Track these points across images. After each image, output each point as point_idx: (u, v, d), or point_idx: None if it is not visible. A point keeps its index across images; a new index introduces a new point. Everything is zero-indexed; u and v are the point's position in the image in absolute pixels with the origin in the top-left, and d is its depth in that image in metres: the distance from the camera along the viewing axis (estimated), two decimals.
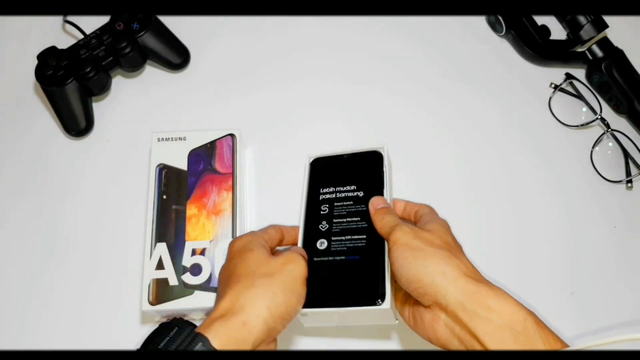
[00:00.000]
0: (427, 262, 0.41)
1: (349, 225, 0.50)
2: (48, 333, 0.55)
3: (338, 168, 0.54)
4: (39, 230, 0.60)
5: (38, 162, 0.63)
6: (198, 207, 0.54)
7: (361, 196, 0.51)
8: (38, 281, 0.57)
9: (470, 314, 0.39)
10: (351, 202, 0.51)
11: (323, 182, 0.54)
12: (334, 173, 0.54)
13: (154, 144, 0.56)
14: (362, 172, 0.53)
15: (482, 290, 0.39)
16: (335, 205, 0.52)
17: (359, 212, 0.50)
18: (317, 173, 0.55)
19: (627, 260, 0.60)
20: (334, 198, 0.52)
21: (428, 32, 0.70)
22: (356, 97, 0.66)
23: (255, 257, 0.44)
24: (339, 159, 0.55)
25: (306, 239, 0.50)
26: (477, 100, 0.66)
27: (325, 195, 0.53)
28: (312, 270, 0.46)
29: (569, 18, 0.67)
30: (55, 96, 0.62)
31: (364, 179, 0.53)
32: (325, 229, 0.50)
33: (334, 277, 0.47)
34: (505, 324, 0.38)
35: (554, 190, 0.63)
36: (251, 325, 0.39)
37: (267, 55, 0.69)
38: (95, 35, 0.64)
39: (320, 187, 0.53)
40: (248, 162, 0.62)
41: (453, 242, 0.45)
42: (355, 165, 0.54)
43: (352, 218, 0.50)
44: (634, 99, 0.64)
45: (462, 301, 0.39)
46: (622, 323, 0.57)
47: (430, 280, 0.41)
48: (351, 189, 0.52)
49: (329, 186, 0.53)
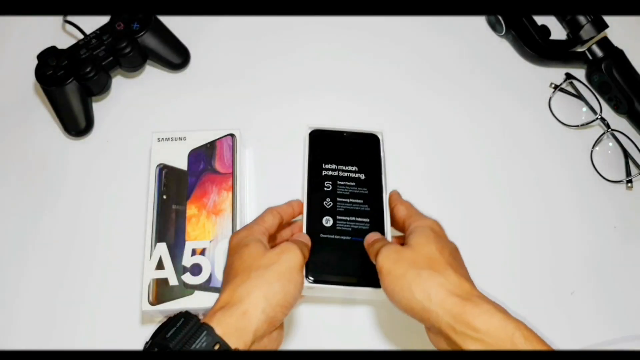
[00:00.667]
0: (412, 289, 0.42)
1: (353, 206, 0.52)
2: (48, 333, 0.56)
3: (339, 145, 0.56)
4: (39, 230, 0.60)
5: (38, 162, 0.63)
6: (198, 207, 0.54)
7: (362, 179, 0.54)
8: (38, 281, 0.58)
9: (461, 336, 0.39)
10: (353, 183, 0.54)
11: (325, 157, 0.55)
12: (335, 150, 0.56)
13: (154, 144, 0.57)
14: (362, 153, 0.56)
15: (467, 310, 0.40)
16: (338, 183, 0.54)
17: (361, 194, 0.53)
18: (318, 146, 0.56)
19: (627, 261, 0.60)
20: (336, 176, 0.54)
21: (428, 32, 0.71)
22: (357, 96, 0.67)
23: (251, 252, 0.45)
24: (339, 136, 0.57)
25: (311, 213, 0.51)
26: (477, 100, 0.67)
27: (327, 171, 0.54)
28: (319, 246, 0.49)
29: (569, 18, 0.68)
30: (55, 96, 0.63)
31: (364, 161, 0.55)
32: (329, 207, 0.52)
33: (340, 256, 0.50)
34: (495, 342, 0.38)
35: (554, 190, 0.63)
36: (250, 314, 0.41)
37: (267, 55, 0.69)
38: (95, 35, 0.64)
39: (322, 162, 0.55)
40: (248, 162, 0.63)
41: (438, 251, 0.44)
42: (356, 145, 0.56)
43: (355, 199, 0.53)
44: (634, 99, 0.64)
45: (451, 324, 0.40)
46: (622, 323, 0.57)
47: (420, 307, 0.41)
48: (353, 169, 0.54)
49: (331, 162, 0.55)
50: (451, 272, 0.43)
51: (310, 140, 0.56)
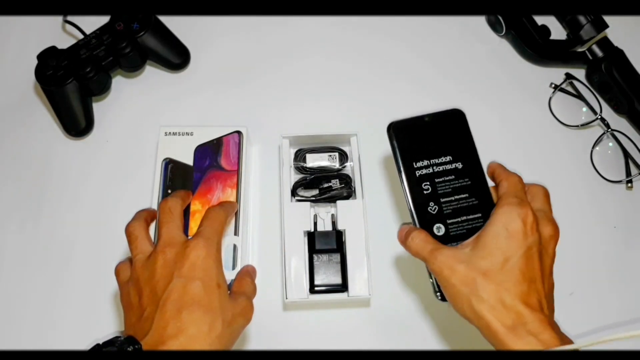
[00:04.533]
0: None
1: (460, 204, 0.47)
2: (49, 329, 0.57)
3: (423, 134, 0.50)
4: (39, 230, 0.61)
5: (38, 162, 0.65)
6: (202, 203, 0.55)
7: (460, 168, 0.48)
8: (38, 280, 0.59)
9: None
10: (452, 176, 0.48)
11: (414, 154, 0.49)
12: (422, 141, 0.50)
13: (160, 138, 0.58)
14: (451, 137, 0.50)
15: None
16: (436, 182, 0.48)
17: (464, 187, 0.48)
18: (403, 142, 0.50)
19: (627, 261, 0.61)
20: (432, 173, 0.48)
21: (428, 32, 0.72)
22: (358, 95, 0.68)
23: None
24: (420, 122, 0.51)
25: (423, 225, 0.47)
26: (477, 100, 0.68)
27: (421, 170, 0.48)
28: None
29: (569, 18, 0.69)
30: (55, 96, 0.64)
31: (455, 146, 0.49)
32: (435, 212, 0.47)
33: None
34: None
35: (553, 190, 0.62)
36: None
37: (268, 55, 0.70)
38: (95, 35, 0.65)
39: (413, 161, 0.49)
40: (254, 160, 0.64)
41: (515, 251, 0.41)
42: (441, 130, 0.50)
43: (459, 195, 0.48)
44: (634, 99, 0.65)
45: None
46: (622, 323, 0.58)
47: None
48: (447, 160, 0.49)
49: (422, 159, 0.49)
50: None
51: (395, 137, 0.50)
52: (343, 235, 0.57)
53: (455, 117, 0.51)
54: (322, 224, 0.59)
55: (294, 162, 0.60)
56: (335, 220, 0.58)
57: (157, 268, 0.43)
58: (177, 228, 0.46)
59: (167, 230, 0.46)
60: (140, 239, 0.47)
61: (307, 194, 0.59)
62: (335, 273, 0.55)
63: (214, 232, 0.46)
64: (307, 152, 0.61)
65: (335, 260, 0.55)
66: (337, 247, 0.56)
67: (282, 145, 0.59)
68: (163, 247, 0.44)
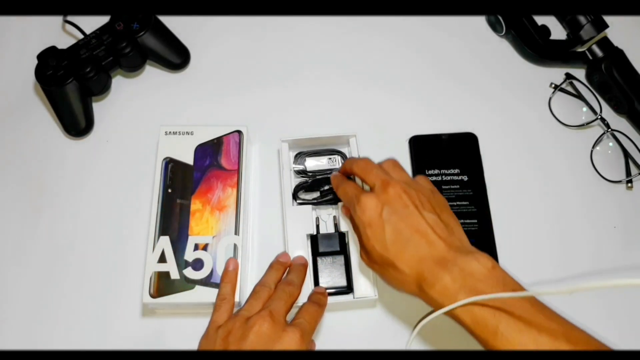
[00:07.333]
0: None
1: (460, 209, 0.59)
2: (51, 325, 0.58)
3: (438, 149, 0.62)
4: (39, 229, 0.62)
5: (38, 162, 0.66)
6: (202, 202, 0.56)
7: (466, 180, 0.60)
8: (38, 280, 0.60)
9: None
10: (457, 185, 0.60)
11: (427, 162, 0.61)
12: (436, 154, 0.62)
13: (161, 137, 0.59)
14: (462, 154, 0.62)
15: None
16: (443, 188, 0.60)
17: (466, 196, 0.60)
18: (419, 152, 0.62)
19: (627, 261, 0.62)
20: (440, 180, 0.60)
21: (428, 32, 0.73)
22: (357, 94, 0.69)
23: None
24: (437, 139, 0.63)
25: None
26: (477, 100, 0.69)
27: (431, 177, 0.60)
28: None
29: (569, 18, 0.70)
30: (55, 96, 0.65)
31: (464, 162, 0.61)
32: None
33: None
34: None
35: (554, 190, 0.65)
36: None
37: (267, 54, 0.71)
38: (95, 35, 0.66)
39: (426, 169, 0.61)
40: (254, 159, 0.65)
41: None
42: (454, 147, 0.62)
43: (461, 202, 0.59)
44: (634, 99, 0.66)
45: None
46: (622, 323, 0.59)
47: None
48: (455, 172, 0.61)
49: (433, 168, 0.61)
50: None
51: (412, 146, 0.63)
52: (346, 237, 0.58)
53: (469, 139, 0.64)
54: (324, 227, 0.60)
55: (294, 165, 0.61)
56: (338, 222, 0.59)
57: (250, 334, 0.47)
58: (285, 309, 0.50)
59: (277, 305, 0.49)
60: (257, 299, 0.51)
61: (309, 196, 0.60)
62: (340, 275, 0.56)
63: (311, 330, 0.50)
64: (307, 155, 0.62)
65: (339, 262, 0.57)
66: (341, 249, 0.57)
67: (282, 149, 0.60)
68: (266, 315, 0.48)
